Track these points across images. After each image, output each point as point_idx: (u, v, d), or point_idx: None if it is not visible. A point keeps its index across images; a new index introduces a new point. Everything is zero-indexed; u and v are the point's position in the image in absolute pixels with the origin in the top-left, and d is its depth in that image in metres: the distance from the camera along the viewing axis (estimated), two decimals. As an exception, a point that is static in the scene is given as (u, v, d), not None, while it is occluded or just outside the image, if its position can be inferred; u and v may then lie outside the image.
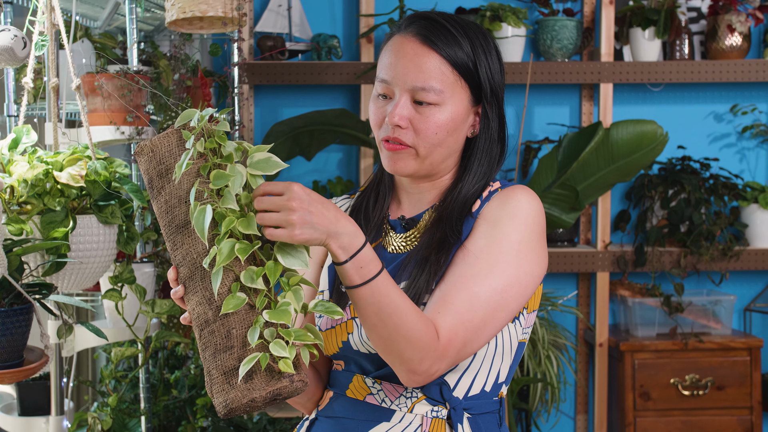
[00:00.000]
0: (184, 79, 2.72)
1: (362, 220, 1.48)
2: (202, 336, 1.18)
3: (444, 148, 1.39)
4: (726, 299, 3.43)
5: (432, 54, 1.36)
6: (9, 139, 1.85)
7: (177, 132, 1.21)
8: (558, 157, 3.30)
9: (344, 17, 3.56)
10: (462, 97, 1.39)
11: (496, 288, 1.32)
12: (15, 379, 1.67)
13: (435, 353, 1.27)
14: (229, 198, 1.15)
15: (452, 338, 1.28)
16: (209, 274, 1.17)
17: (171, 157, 1.20)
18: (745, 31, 3.42)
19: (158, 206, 1.22)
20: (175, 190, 1.20)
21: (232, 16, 2.15)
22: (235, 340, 1.15)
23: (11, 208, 1.78)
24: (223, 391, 1.15)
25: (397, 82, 1.37)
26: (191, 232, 1.18)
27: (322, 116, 3.28)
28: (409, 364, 1.27)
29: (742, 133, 3.62)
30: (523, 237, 1.35)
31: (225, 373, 1.15)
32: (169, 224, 1.21)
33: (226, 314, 1.16)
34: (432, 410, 1.38)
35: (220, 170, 1.17)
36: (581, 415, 3.65)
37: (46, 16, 1.89)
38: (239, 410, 1.16)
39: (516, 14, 3.35)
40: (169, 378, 2.90)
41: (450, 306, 1.30)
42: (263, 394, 1.14)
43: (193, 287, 1.19)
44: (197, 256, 1.18)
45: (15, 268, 1.66)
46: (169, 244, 1.21)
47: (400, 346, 1.26)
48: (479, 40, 1.40)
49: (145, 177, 1.23)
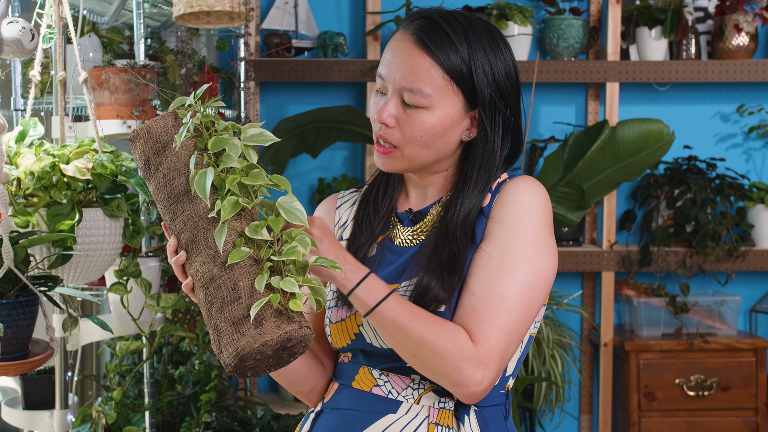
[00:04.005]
0: (190, 74, 2.72)
1: (371, 210, 1.48)
2: (208, 294, 1.21)
3: (432, 150, 1.38)
4: (732, 300, 3.42)
5: (423, 56, 1.34)
6: (16, 131, 1.85)
7: (172, 113, 1.26)
8: (564, 155, 3.30)
9: (350, 15, 3.56)
10: (453, 101, 1.36)
11: (524, 287, 1.32)
12: (20, 371, 1.67)
13: (472, 361, 1.28)
14: (227, 159, 1.21)
15: (493, 345, 1.29)
16: (212, 234, 1.21)
17: (167, 135, 1.25)
18: (752, 31, 3.41)
19: (156, 182, 1.26)
20: (173, 164, 1.24)
21: (239, 11, 2.15)
22: (242, 291, 1.19)
23: (18, 200, 1.78)
24: (234, 341, 1.17)
25: (390, 80, 1.37)
26: (192, 197, 1.23)
27: (328, 113, 3.28)
28: (448, 377, 1.29)
29: (748, 134, 3.62)
30: (538, 231, 1.35)
31: (234, 323, 1.18)
32: (168, 196, 1.24)
33: (232, 268, 1.19)
34: (439, 401, 1.37)
35: (218, 137, 1.22)
36: (585, 415, 3.64)
37: (54, 8, 1.89)
38: (249, 359, 1.18)
39: (522, 13, 3.35)
40: (173, 373, 2.90)
41: (483, 315, 1.30)
42: (274, 337, 1.17)
43: (197, 249, 1.22)
44: (199, 218, 1.22)
45: (21, 260, 1.66)
46: (169, 215, 1.25)
47: (430, 360, 1.28)
48: (481, 42, 1.36)
49: (140, 161, 1.27)
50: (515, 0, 3.52)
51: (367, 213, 1.48)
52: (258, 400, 2.98)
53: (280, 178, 1.24)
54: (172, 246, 1.25)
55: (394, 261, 1.42)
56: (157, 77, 2.38)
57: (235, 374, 1.20)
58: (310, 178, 3.58)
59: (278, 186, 1.24)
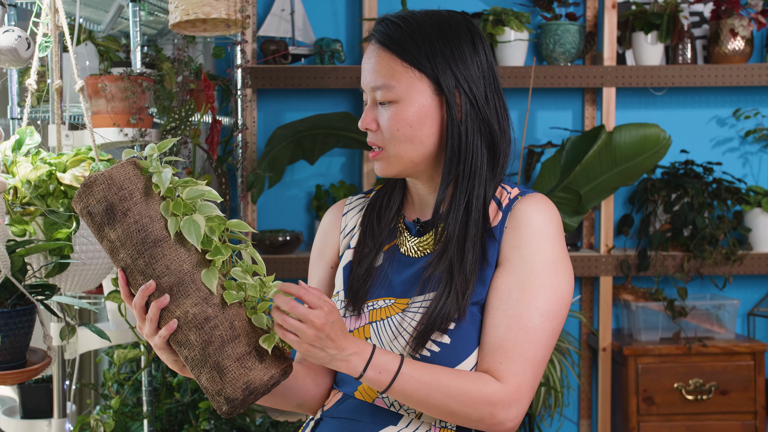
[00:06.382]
0: (187, 82, 2.73)
1: (375, 220, 1.48)
2: (203, 333, 1.25)
3: (416, 144, 1.37)
4: (729, 303, 3.42)
5: (382, 52, 1.38)
6: (13, 140, 1.85)
7: (131, 162, 1.30)
8: (561, 160, 3.30)
9: (347, 21, 3.57)
10: (420, 87, 1.36)
11: (547, 315, 1.33)
12: (18, 380, 1.66)
13: (504, 402, 1.29)
14: (207, 207, 1.28)
15: (522, 381, 1.30)
16: (200, 276, 1.26)
17: (131, 183, 1.28)
18: (747, 36, 3.42)
19: (125, 228, 1.27)
20: (144, 210, 1.27)
21: (236, 18, 2.16)
22: (239, 330, 1.26)
23: (14, 209, 1.78)
24: (242, 376, 1.24)
25: (365, 88, 1.40)
26: (173, 243, 1.26)
27: (325, 120, 3.28)
28: (482, 423, 1.30)
29: (744, 138, 3.62)
30: (555, 255, 1.35)
31: (238, 359, 1.24)
32: (142, 242, 1.27)
33: (223, 309, 1.26)
34: (440, 420, 1.36)
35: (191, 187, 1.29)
36: (585, 420, 3.64)
37: (50, 17, 1.89)
38: (258, 392, 1.24)
39: (519, 18, 3.35)
40: (171, 381, 2.89)
41: (510, 351, 1.31)
42: (278, 371, 1.25)
43: (184, 291, 1.26)
44: (183, 262, 1.26)
45: (18, 269, 1.66)
46: (143, 260, 1.26)
47: (462, 413, 1.29)
48: (441, 29, 1.37)
49: (98, 206, 1.28)
50: (511, 6, 3.53)
51: (371, 222, 1.47)
52: (257, 407, 2.97)
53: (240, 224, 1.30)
54: (149, 289, 1.25)
55: (401, 272, 1.42)
56: (153, 85, 2.39)
57: (233, 412, 1.25)
58: (307, 185, 3.58)
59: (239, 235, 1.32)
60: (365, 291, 1.42)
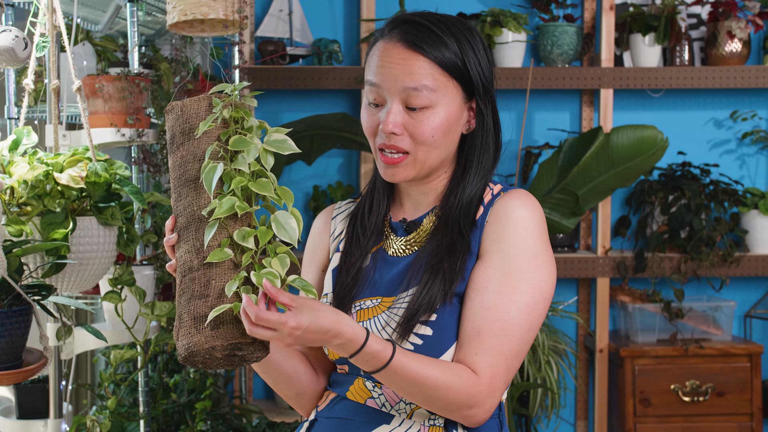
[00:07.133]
0: (185, 82, 2.72)
1: (359, 227, 1.48)
2: (183, 282, 1.26)
3: (441, 149, 1.39)
4: (726, 305, 3.42)
5: (419, 58, 1.35)
6: (9, 140, 1.85)
7: (208, 98, 1.29)
8: (558, 162, 3.30)
9: (345, 22, 3.57)
10: (454, 95, 1.37)
11: (524, 309, 1.33)
12: (14, 381, 1.66)
13: (480, 394, 1.30)
14: (241, 161, 1.24)
15: (495, 373, 1.31)
16: (204, 226, 1.25)
17: (197, 118, 1.28)
18: (744, 38, 3.42)
19: (174, 160, 1.30)
20: (193, 148, 1.28)
21: (233, 18, 2.15)
22: (212, 290, 1.23)
23: (11, 209, 1.77)
24: (189, 335, 1.23)
25: (388, 87, 1.36)
26: (198, 186, 1.26)
27: (323, 120, 3.28)
28: (458, 413, 1.31)
29: (742, 139, 3.63)
30: (535, 249, 1.35)
31: (195, 318, 1.23)
32: (179, 177, 1.29)
33: (210, 265, 1.24)
34: (429, 418, 1.37)
35: (241, 136, 1.25)
36: (581, 421, 3.64)
37: (47, 17, 1.89)
38: (199, 355, 1.23)
39: (516, 20, 3.36)
40: (168, 382, 2.89)
41: (485, 342, 1.31)
42: (224, 343, 1.21)
43: (186, 236, 1.27)
44: (198, 208, 1.26)
45: (14, 269, 1.66)
46: (174, 195, 1.30)
47: (441, 404, 1.30)
48: (465, 36, 1.38)
49: (168, 132, 1.32)
50: (509, 7, 3.53)
51: (355, 232, 1.48)
52: (253, 408, 2.97)
53: (285, 192, 1.25)
54: (169, 225, 1.29)
55: (388, 272, 1.42)
56: (151, 85, 2.39)
57: (185, 363, 1.25)
58: (305, 186, 3.58)
59: (280, 199, 1.25)
60: (351, 298, 1.43)
